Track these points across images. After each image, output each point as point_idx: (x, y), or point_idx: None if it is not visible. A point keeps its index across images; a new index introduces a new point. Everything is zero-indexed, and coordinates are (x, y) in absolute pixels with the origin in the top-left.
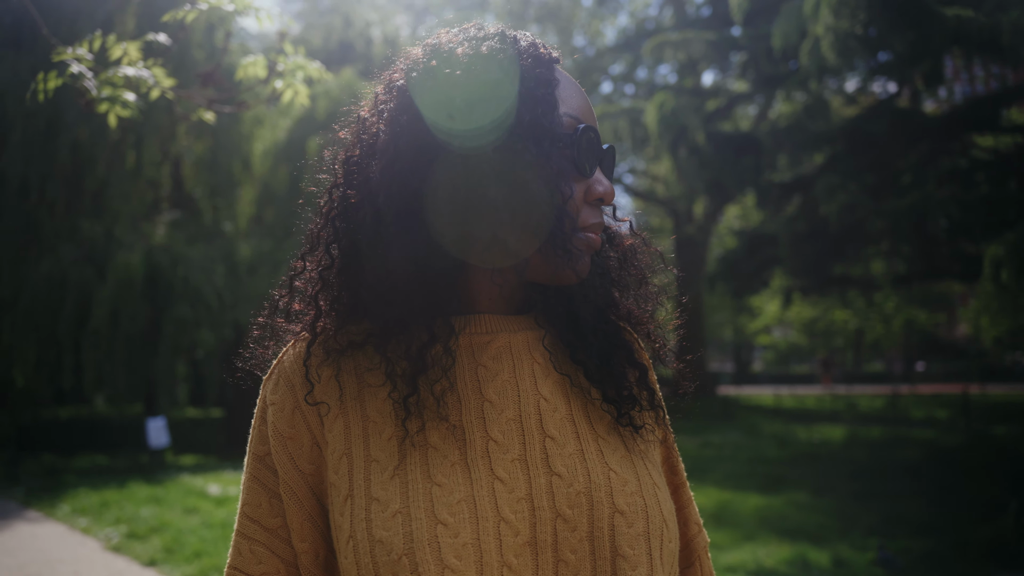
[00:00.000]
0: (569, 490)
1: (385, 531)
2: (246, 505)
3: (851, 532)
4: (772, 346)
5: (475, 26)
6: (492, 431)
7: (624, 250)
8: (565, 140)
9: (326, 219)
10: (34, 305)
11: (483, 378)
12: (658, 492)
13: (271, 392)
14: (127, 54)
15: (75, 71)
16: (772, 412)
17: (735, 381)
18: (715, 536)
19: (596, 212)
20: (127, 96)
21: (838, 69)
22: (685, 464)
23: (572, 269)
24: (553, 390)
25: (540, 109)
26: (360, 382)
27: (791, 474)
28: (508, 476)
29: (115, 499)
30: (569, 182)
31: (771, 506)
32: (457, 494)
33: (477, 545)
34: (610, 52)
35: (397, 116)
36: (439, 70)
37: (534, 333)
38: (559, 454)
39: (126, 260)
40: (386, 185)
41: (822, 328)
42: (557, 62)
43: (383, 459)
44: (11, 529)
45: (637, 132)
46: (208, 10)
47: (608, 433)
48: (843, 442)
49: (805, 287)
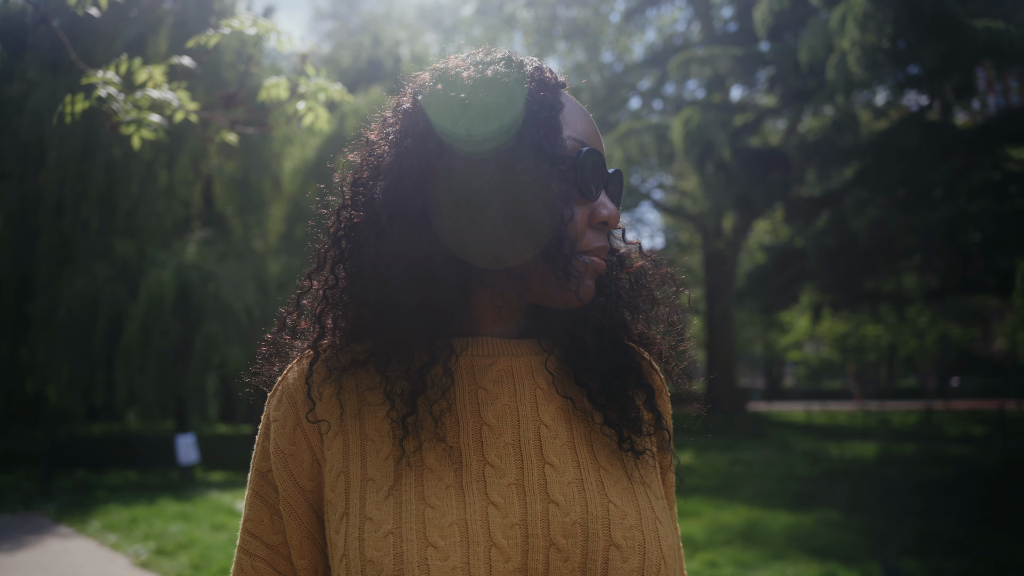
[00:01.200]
0: (565, 519)
1: (376, 551)
2: (248, 521)
3: (883, 551)
4: (803, 362)
5: (483, 51)
6: (489, 455)
7: (635, 272)
8: (567, 163)
9: (333, 239)
10: (68, 322)
11: (483, 401)
12: (659, 527)
13: (274, 409)
14: (152, 77)
15: (102, 94)
16: (803, 428)
17: (766, 397)
18: (744, 555)
19: (600, 236)
20: (152, 118)
21: (866, 83)
22: (715, 481)
23: (572, 292)
24: (555, 416)
25: (542, 132)
26: (360, 401)
27: (822, 492)
28: (503, 501)
29: (144, 515)
30: (570, 204)
31: (801, 524)
32: (449, 517)
33: (467, 569)
34: (638, 68)
35: (401, 139)
36: (445, 93)
37: (537, 357)
38: (558, 481)
39: (158, 278)
40: (389, 205)
41: (854, 343)
42: (563, 87)
43: (379, 478)
44: (43, 545)
45: (664, 148)
46: (232, 34)
47: (610, 462)
48: (876, 459)
49: (835, 302)
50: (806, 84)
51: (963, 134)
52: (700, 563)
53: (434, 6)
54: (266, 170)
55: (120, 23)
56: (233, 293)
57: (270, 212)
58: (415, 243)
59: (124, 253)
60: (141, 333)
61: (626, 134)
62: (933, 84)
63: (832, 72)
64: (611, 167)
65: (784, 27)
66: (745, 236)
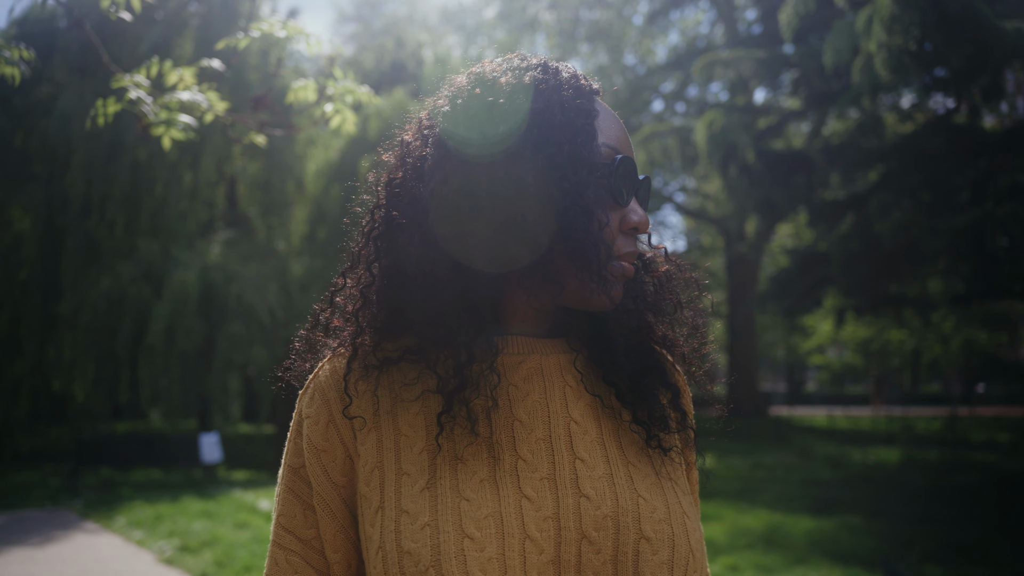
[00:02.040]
0: (596, 513)
1: (414, 543)
2: (281, 516)
3: (905, 557)
4: (826, 366)
5: (519, 56)
6: (521, 450)
7: (659, 276)
8: (603, 170)
9: (367, 238)
10: (94, 322)
11: (514, 398)
12: (687, 521)
13: (307, 406)
14: (183, 79)
15: (133, 97)
16: (825, 433)
17: (788, 401)
18: (764, 559)
19: (631, 241)
20: (182, 118)
21: (892, 86)
22: (736, 485)
23: (607, 295)
24: (584, 413)
25: (579, 139)
26: (394, 397)
27: (844, 497)
28: (536, 495)
29: (169, 513)
30: (606, 210)
31: (823, 529)
32: (485, 509)
33: (502, 560)
34: (661, 70)
35: (444, 141)
36: (483, 98)
37: (566, 356)
38: (588, 476)
39: (182, 278)
40: (435, 208)
41: (877, 348)
42: (597, 93)
43: (414, 472)
44: (70, 540)
45: (687, 151)
46: (261, 36)
47: (638, 458)
48: (899, 465)
49: (858, 306)
50: (831, 87)
51: (990, 137)
52: (722, 567)
53: (457, 8)
54: (289, 172)
55: (146, 25)
56: (256, 294)
57: (293, 213)
58: (460, 245)
59: (149, 253)
60: (165, 333)
61: (649, 136)
62: (960, 87)
63: (857, 75)
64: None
65: (809, 29)
66: (768, 239)
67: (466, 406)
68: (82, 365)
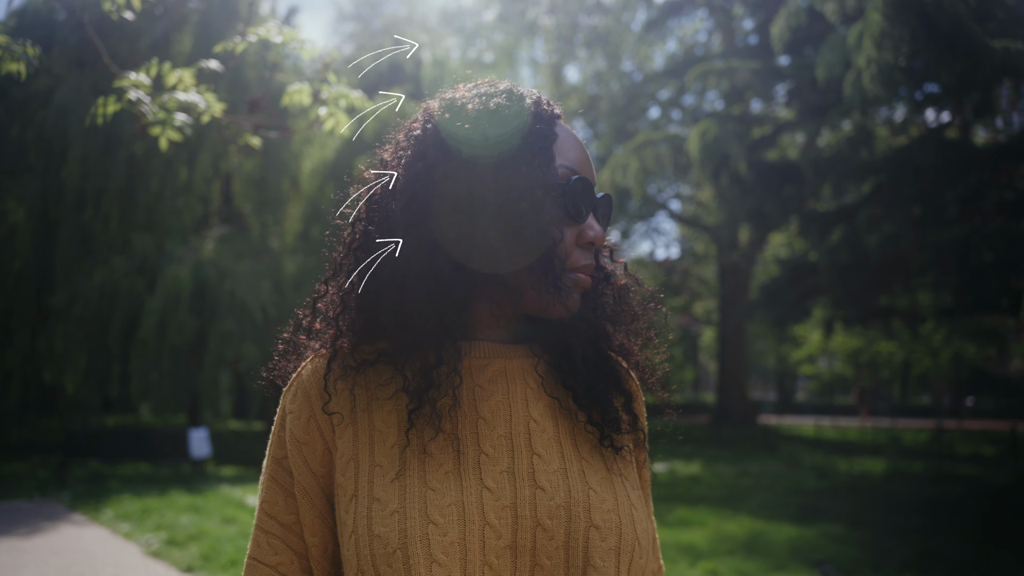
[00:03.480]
0: (551, 503)
1: (383, 528)
2: (265, 503)
3: (885, 566)
4: (815, 376)
5: (488, 83)
6: (484, 445)
7: (618, 289)
8: (558, 189)
9: (348, 249)
10: (86, 315)
11: (479, 398)
12: (634, 512)
13: (290, 402)
14: (182, 80)
15: (133, 98)
16: (813, 443)
17: (777, 410)
18: (744, 565)
19: (587, 254)
20: (179, 117)
21: (883, 100)
22: (721, 492)
23: (562, 304)
24: (543, 413)
25: (536, 161)
26: (370, 395)
27: (828, 506)
28: (495, 486)
29: (156, 506)
30: (560, 227)
31: (805, 537)
32: (448, 498)
33: (463, 544)
34: (658, 77)
35: (413, 163)
36: (451, 123)
37: (529, 360)
38: (544, 470)
39: (175, 273)
40: (403, 225)
41: (867, 359)
42: (558, 118)
43: (386, 464)
44: (58, 531)
45: (679, 159)
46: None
47: (591, 455)
48: (884, 475)
49: (847, 317)
50: (825, 99)
51: (980, 153)
52: (702, 572)
53: (456, 10)
54: (285, 170)
55: (146, 21)
56: (249, 291)
57: (288, 211)
58: (426, 257)
59: (143, 248)
60: (157, 327)
61: (642, 144)
62: (953, 102)
63: (849, 89)
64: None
65: (804, 41)
66: (761, 249)
67: (432, 405)
68: (73, 357)
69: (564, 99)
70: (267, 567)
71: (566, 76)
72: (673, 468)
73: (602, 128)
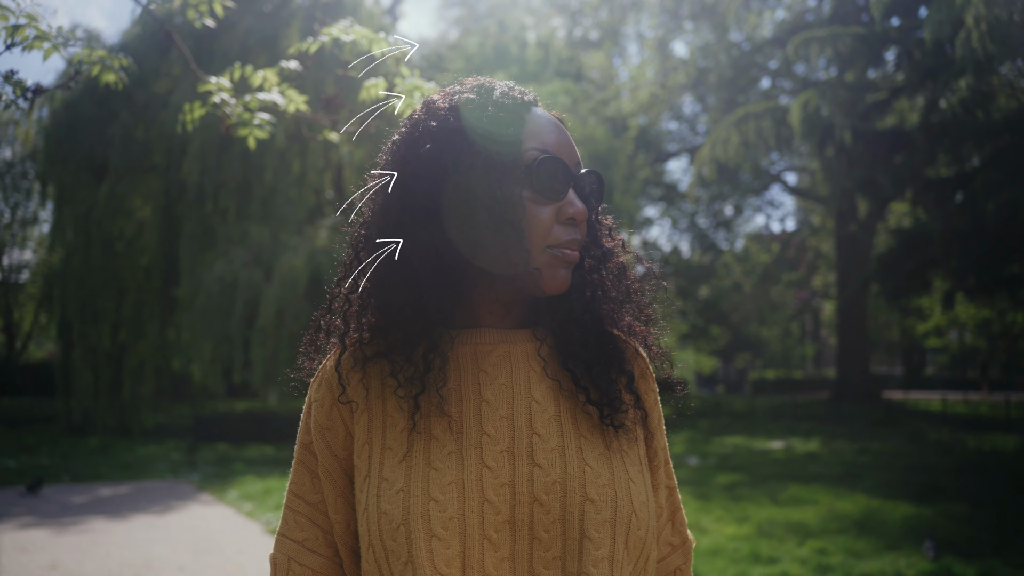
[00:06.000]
0: (547, 479)
1: (389, 505)
2: (293, 484)
3: (1008, 549)
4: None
5: (459, 82)
6: (486, 426)
7: (618, 267)
8: (523, 171)
9: (355, 252)
10: (209, 305)
11: (483, 382)
12: (631, 486)
13: (315, 392)
14: (267, 79)
15: (216, 100)
16: (940, 418)
17: (904, 385)
18: (855, 544)
19: (570, 230)
20: (261, 115)
21: (998, 59)
22: (837, 469)
23: (536, 284)
24: (545, 394)
25: (495, 148)
26: (383, 384)
27: (951, 484)
28: (495, 464)
29: (277, 487)
30: (522, 207)
31: (922, 516)
32: (449, 476)
33: (462, 519)
34: (767, 47)
35: (401, 164)
36: (426, 123)
37: (532, 345)
38: (542, 448)
39: (291, 263)
40: (397, 223)
41: (998, 330)
42: (532, 104)
43: (395, 447)
44: (187, 510)
45: (782, 131)
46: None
47: (591, 433)
48: (1015, 453)
49: (969, 288)
50: (937, 61)
51: None
52: (809, 550)
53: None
54: None
55: (255, 18)
56: None
57: None
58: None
59: (259, 239)
60: (275, 316)
61: (743, 118)
62: None
63: (960, 49)
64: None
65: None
66: (881, 219)
67: (437, 390)
68: (199, 346)
69: (672, 73)
70: (294, 542)
71: (673, 50)
72: (790, 445)
73: (712, 102)
